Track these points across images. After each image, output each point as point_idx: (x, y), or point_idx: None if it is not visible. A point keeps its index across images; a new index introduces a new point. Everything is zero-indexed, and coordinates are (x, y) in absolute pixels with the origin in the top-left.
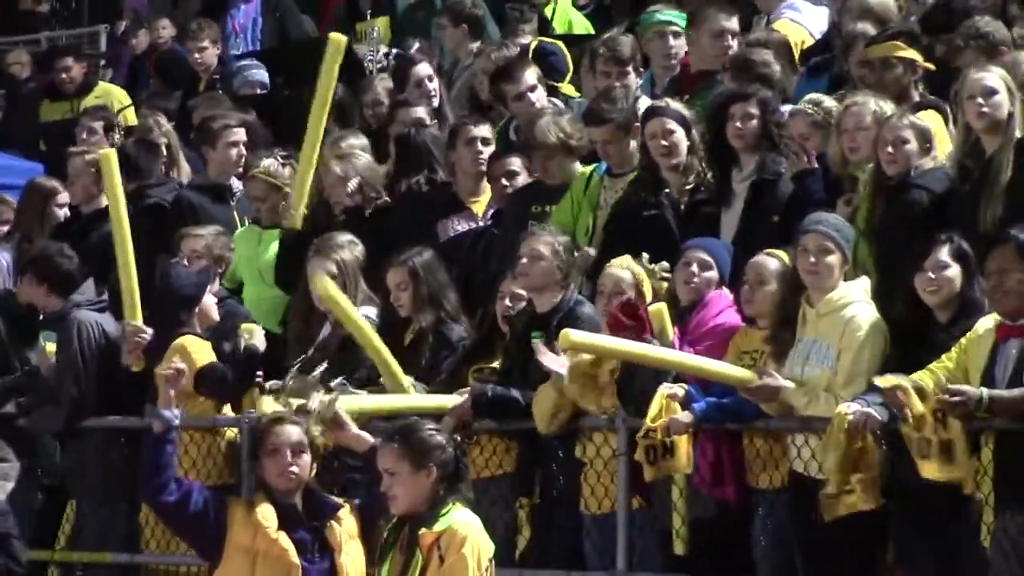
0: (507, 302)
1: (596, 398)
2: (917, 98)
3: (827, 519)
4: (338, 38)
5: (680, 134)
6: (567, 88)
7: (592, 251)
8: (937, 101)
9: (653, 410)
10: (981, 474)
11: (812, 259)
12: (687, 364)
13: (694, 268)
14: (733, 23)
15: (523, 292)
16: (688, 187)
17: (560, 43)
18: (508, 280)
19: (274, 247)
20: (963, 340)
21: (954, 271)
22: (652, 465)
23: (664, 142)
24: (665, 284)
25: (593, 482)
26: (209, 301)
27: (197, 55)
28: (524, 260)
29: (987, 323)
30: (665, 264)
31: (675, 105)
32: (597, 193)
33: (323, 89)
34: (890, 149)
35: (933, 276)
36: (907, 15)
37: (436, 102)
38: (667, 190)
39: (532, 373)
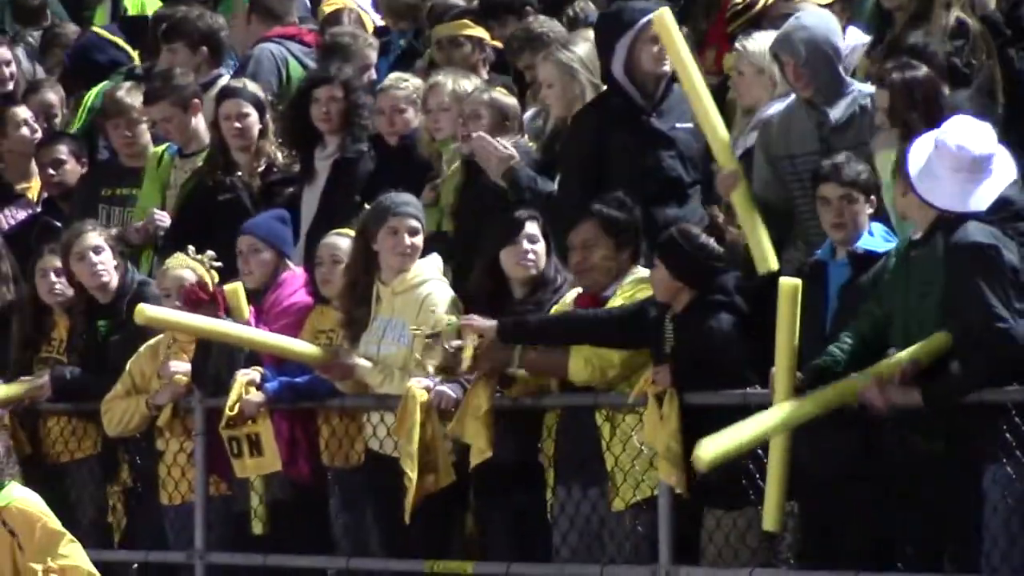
0: (52, 277)
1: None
2: (486, 76)
3: (408, 518)
4: None
5: (254, 116)
6: None
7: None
8: (507, 80)
9: (232, 397)
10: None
11: (405, 240)
12: (261, 342)
13: (245, 253)
14: None
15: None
16: (260, 169)
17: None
18: (47, 257)
19: None
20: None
21: (542, 246)
22: (238, 459)
23: (237, 124)
24: (216, 273)
25: (171, 463)
26: None
27: None
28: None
29: (573, 295)
30: (211, 253)
31: (251, 87)
32: (168, 173)
33: None
34: (468, 128)
35: (527, 249)
36: None
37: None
38: (239, 173)
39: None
